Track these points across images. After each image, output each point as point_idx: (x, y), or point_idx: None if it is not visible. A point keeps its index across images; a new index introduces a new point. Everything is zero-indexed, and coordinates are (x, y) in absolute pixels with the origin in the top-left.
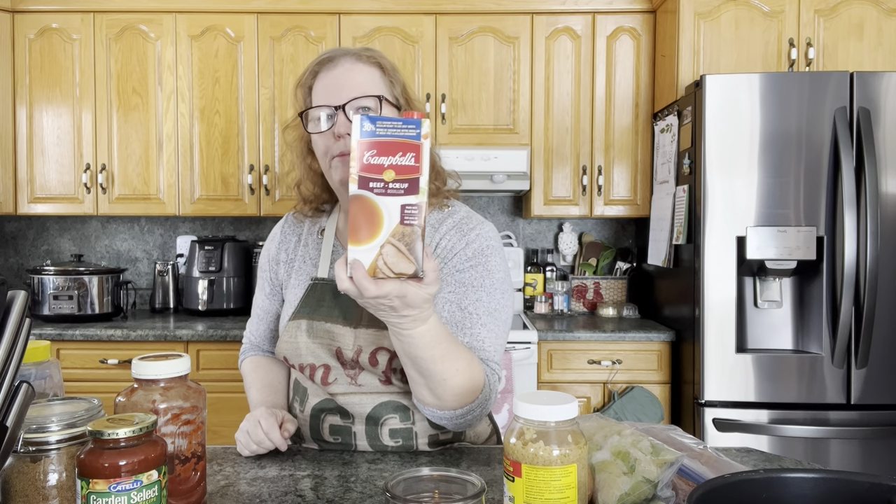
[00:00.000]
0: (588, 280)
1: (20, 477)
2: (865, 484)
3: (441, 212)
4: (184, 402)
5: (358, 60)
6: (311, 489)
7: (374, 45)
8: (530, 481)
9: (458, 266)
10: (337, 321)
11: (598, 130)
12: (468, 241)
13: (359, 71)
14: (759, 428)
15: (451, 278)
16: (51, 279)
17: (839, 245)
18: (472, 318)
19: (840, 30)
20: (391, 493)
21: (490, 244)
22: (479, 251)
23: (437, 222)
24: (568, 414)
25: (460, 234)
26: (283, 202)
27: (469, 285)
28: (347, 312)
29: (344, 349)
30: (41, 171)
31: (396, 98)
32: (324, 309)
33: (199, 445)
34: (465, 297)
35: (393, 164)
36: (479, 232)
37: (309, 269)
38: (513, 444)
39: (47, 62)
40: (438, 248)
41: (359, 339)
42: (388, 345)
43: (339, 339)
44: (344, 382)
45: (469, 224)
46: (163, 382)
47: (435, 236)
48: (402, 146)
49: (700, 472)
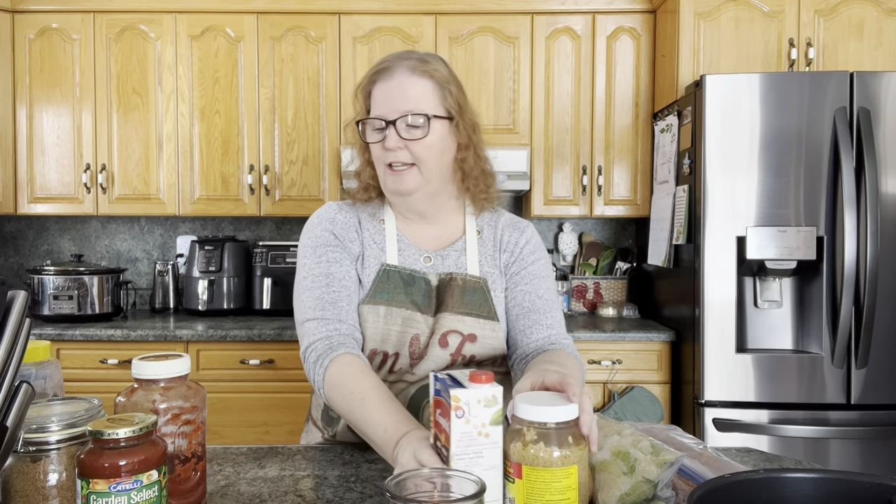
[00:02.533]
0: (588, 280)
1: (20, 477)
2: (865, 484)
3: (493, 212)
4: (184, 402)
5: (413, 73)
6: (311, 489)
7: (373, 46)
8: (531, 483)
9: (527, 260)
10: (416, 309)
11: (598, 130)
12: (527, 238)
13: (413, 85)
14: (759, 428)
15: (525, 271)
16: (51, 279)
17: (839, 245)
18: (548, 304)
19: (840, 30)
20: (391, 493)
21: (539, 239)
22: (537, 245)
23: (494, 220)
24: (568, 415)
25: (518, 231)
26: (283, 202)
27: (539, 276)
28: (424, 301)
29: (422, 335)
30: (41, 171)
31: (449, 110)
32: (401, 296)
33: (199, 445)
34: (539, 287)
35: (441, 427)
36: (532, 229)
37: (377, 253)
38: (513, 446)
39: (47, 62)
40: (503, 241)
41: (434, 324)
42: (462, 329)
43: (418, 325)
44: (402, 371)
45: (520, 223)
46: (163, 382)
47: (497, 234)
48: (445, 410)
49: (700, 472)
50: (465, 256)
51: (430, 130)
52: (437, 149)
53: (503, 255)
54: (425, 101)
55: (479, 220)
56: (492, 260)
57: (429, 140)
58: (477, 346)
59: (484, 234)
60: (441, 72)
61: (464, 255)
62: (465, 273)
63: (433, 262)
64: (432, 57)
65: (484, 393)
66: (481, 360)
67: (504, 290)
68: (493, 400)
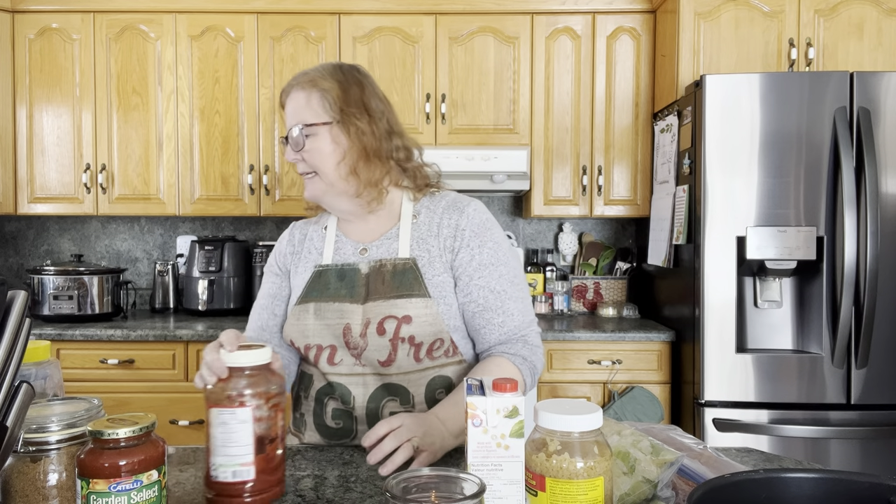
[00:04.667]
0: (588, 280)
1: (20, 477)
2: (865, 484)
3: (432, 196)
4: (268, 387)
5: (300, 90)
6: (311, 489)
7: (373, 45)
8: (555, 496)
9: (472, 246)
10: (345, 300)
11: (598, 130)
12: (469, 217)
13: (297, 99)
14: (759, 428)
15: (474, 262)
16: (51, 279)
17: (839, 245)
18: (502, 297)
19: (840, 30)
20: (391, 493)
21: (487, 216)
22: (481, 226)
23: (433, 204)
24: (593, 424)
25: (457, 211)
26: (283, 202)
27: (489, 265)
28: (353, 291)
29: (353, 324)
30: (41, 171)
31: (333, 115)
32: (330, 291)
33: (281, 428)
34: (490, 278)
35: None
36: (475, 207)
37: (314, 257)
38: (535, 457)
39: (47, 62)
40: (441, 227)
41: (367, 312)
42: (396, 313)
43: (347, 315)
44: (349, 363)
45: (460, 202)
46: (248, 370)
47: (434, 218)
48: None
49: (700, 472)
50: (398, 242)
51: (313, 138)
52: (326, 153)
53: (445, 239)
54: (307, 112)
55: (418, 205)
56: (425, 242)
57: (313, 147)
58: (414, 327)
59: (420, 218)
60: (326, 81)
61: (396, 241)
62: (395, 258)
63: (368, 252)
64: (328, 68)
65: (504, 402)
66: (422, 342)
67: (445, 274)
68: (515, 411)
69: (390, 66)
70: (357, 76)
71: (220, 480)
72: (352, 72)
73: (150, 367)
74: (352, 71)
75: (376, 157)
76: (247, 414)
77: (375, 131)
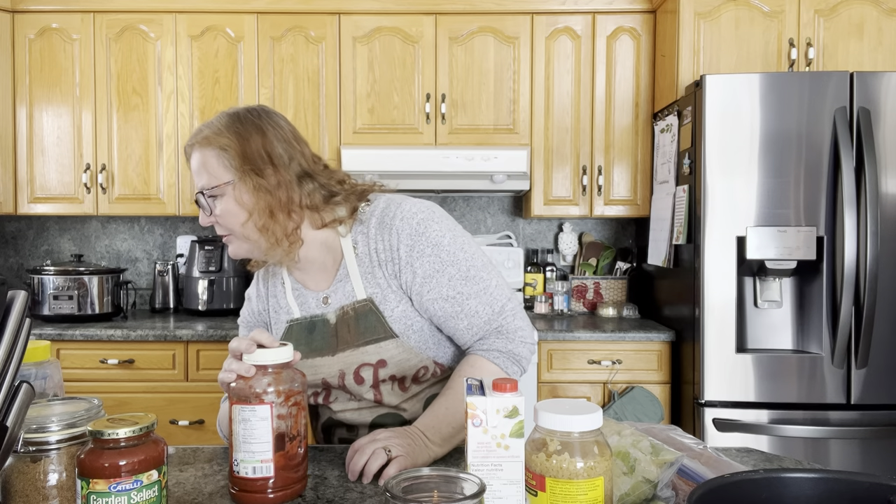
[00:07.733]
0: (588, 280)
1: (20, 477)
2: (865, 484)
3: (362, 218)
4: (290, 385)
5: (199, 149)
6: (311, 489)
7: (373, 45)
8: (555, 496)
9: (412, 262)
10: (315, 355)
11: (598, 130)
12: (398, 233)
13: (197, 161)
14: (759, 428)
15: (418, 278)
16: (51, 279)
17: (839, 245)
18: (458, 300)
19: (840, 30)
20: (391, 493)
21: (417, 220)
22: (412, 236)
23: (365, 229)
24: (593, 424)
25: (386, 230)
26: None
27: (433, 274)
28: (324, 343)
29: (328, 378)
30: (41, 171)
31: (234, 170)
32: (302, 347)
33: (302, 425)
34: (440, 287)
35: None
36: (401, 216)
37: (284, 313)
38: (535, 457)
39: (47, 62)
40: (378, 253)
41: (339, 363)
42: (369, 359)
43: (321, 370)
44: (343, 399)
45: (388, 216)
46: (271, 368)
47: (371, 244)
48: None
49: (700, 472)
50: (350, 282)
51: (220, 199)
52: (234, 213)
53: (385, 266)
54: (206, 176)
55: (353, 234)
56: (373, 276)
57: (224, 209)
58: (391, 368)
59: (359, 249)
60: (222, 137)
61: (349, 282)
62: (353, 301)
63: (330, 300)
64: (223, 121)
65: (504, 402)
66: (405, 376)
67: (403, 302)
68: (515, 411)
69: (390, 66)
70: (257, 123)
71: (242, 476)
72: (251, 118)
73: (150, 367)
74: (251, 117)
75: (283, 210)
76: (266, 411)
77: (282, 181)
